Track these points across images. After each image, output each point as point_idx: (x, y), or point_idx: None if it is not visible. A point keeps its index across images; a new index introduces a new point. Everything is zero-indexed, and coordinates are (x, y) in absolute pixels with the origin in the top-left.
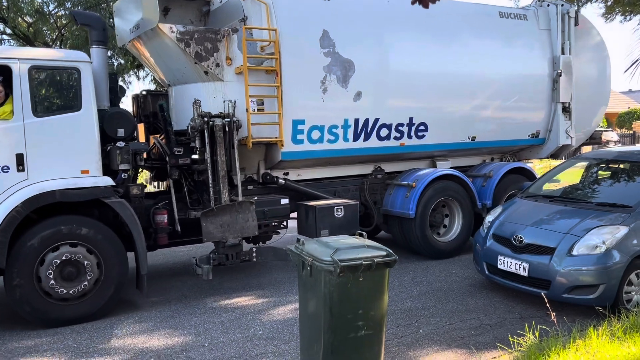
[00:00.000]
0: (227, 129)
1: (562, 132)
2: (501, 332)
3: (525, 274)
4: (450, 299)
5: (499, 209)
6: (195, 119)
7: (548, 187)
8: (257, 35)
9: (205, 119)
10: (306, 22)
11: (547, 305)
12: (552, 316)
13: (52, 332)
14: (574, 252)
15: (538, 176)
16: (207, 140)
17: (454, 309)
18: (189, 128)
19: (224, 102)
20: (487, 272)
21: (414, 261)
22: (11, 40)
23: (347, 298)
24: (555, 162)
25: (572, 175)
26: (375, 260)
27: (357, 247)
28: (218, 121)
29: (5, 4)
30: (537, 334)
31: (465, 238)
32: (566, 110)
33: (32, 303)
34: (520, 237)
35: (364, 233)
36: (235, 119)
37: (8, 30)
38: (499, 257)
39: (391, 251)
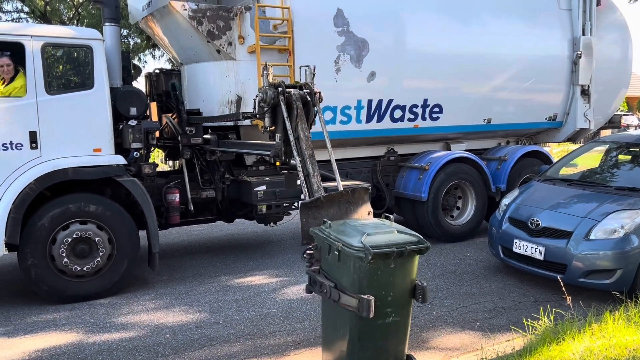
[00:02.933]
0: (307, 102)
1: (580, 116)
2: (515, 315)
3: (541, 258)
4: (464, 282)
5: (515, 192)
6: (266, 90)
7: (566, 171)
8: (270, 14)
9: (280, 89)
10: (320, 0)
11: (563, 289)
12: (568, 300)
13: (69, 307)
14: (592, 237)
15: (554, 160)
16: (285, 115)
17: (468, 292)
18: (257, 102)
19: (300, 67)
20: (502, 256)
21: None
22: (29, 19)
23: (376, 284)
24: (573, 146)
25: (590, 159)
26: (408, 247)
27: (387, 232)
28: (295, 92)
29: None
30: (552, 317)
31: (478, 222)
32: (585, 93)
33: (48, 282)
34: (537, 221)
35: (391, 216)
36: (316, 90)
37: (26, 9)
38: (515, 241)
39: (422, 237)
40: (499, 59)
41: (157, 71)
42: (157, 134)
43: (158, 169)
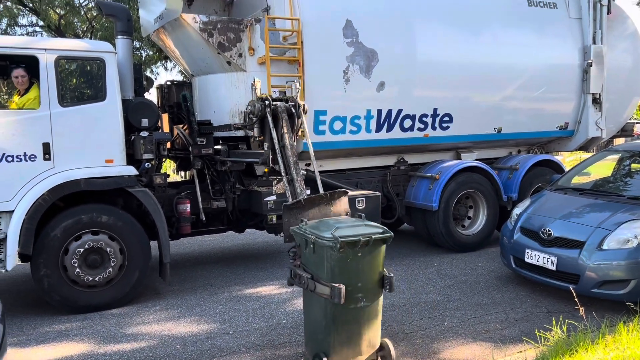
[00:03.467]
0: (292, 114)
1: (592, 124)
2: (528, 326)
3: (554, 268)
4: (475, 292)
5: (527, 202)
6: (254, 103)
7: (578, 180)
8: (280, 25)
9: (267, 102)
10: (329, 12)
11: (576, 300)
12: (581, 311)
13: (81, 318)
14: (605, 246)
15: (566, 169)
16: (271, 126)
17: (480, 302)
18: (246, 114)
19: (287, 82)
20: (514, 266)
21: (439, 254)
22: (43, 32)
23: (347, 271)
24: (585, 155)
25: (603, 168)
26: (373, 236)
27: (356, 226)
28: (281, 105)
29: None
30: (564, 328)
31: (489, 231)
32: (596, 101)
33: (60, 292)
34: (549, 230)
35: (363, 215)
36: (300, 102)
37: (40, 23)
38: (527, 251)
39: (387, 228)
40: (509, 68)
41: (168, 83)
42: (168, 144)
43: (169, 180)
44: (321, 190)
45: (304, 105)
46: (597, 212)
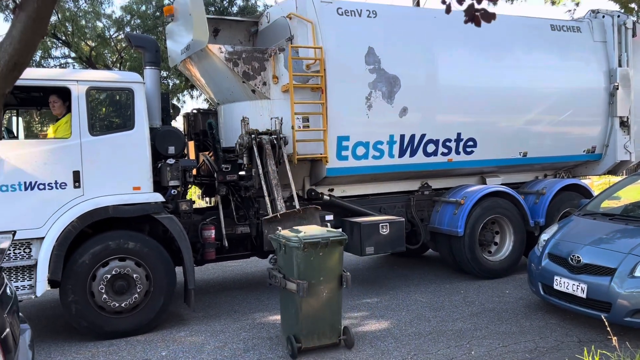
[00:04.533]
0: (275, 145)
1: (620, 148)
2: (558, 356)
3: (584, 296)
4: (503, 320)
5: (554, 227)
6: (243, 136)
7: (607, 204)
8: (303, 54)
9: (253, 135)
10: (351, 40)
11: (608, 329)
12: (614, 340)
13: (107, 344)
14: (637, 273)
15: (595, 193)
16: (256, 155)
17: (508, 331)
18: (237, 145)
19: (271, 119)
20: (542, 293)
21: (465, 280)
22: (75, 64)
23: (311, 268)
24: (615, 179)
25: (633, 192)
26: (330, 239)
27: (319, 232)
28: (265, 137)
29: (70, 29)
30: (597, 358)
31: (517, 257)
32: (624, 124)
33: (88, 318)
34: (578, 257)
35: (328, 224)
36: (282, 135)
37: (73, 54)
38: (555, 278)
39: (344, 233)
40: (533, 92)
41: (194, 111)
42: (194, 171)
43: (194, 206)
44: (297, 206)
45: (285, 137)
46: (628, 238)
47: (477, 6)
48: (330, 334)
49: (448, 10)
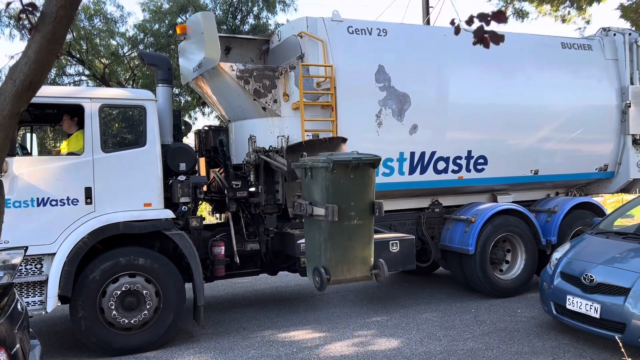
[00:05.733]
0: None
1: (633, 165)
2: None
3: (597, 316)
4: (515, 340)
5: (567, 246)
6: (250, 154)
7: (620, 222)
8: (314, 72)
9: (260, 154)
10: (362, 58)
11: (622, 350)
12: None
13: None
14: None
15: (607, 212)
16: (262, 173)
17: (520, 351)
18: (245, 162)
19: (278, 137)
20: (554, 313)
21: (476, 299)
22: (89, 81)
23: (340, 192)
24: (628, 197)
25: None
26: (362, 159)
27: (349, 154)
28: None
29: (84, 47)
30: None
31: (529, 276)
32: (637, 142)
33: (97, 334)
34: (591, 276)
35: (356, 152)
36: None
37: (86, 72)
38: (568, 297)
39: (377, 155)
40: (544, 110)
41: (206, 128)
42: (204, 188)
43: (204, 222)
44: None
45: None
46: None
47: (486, 28)
48: (362, 266)
49: (457, 31)
